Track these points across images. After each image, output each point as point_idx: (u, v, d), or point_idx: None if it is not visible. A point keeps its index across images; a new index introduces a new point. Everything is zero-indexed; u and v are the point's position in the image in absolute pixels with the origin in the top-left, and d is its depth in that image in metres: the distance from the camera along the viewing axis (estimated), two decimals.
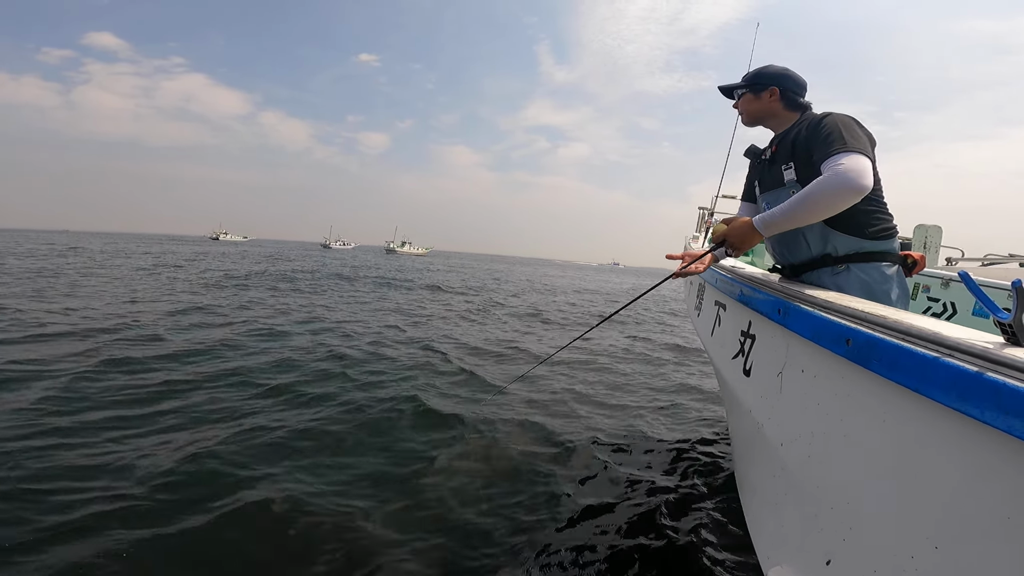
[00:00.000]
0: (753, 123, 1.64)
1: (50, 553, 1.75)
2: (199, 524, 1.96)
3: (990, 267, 3.09)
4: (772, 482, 1.20)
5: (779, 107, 1.56)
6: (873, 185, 1.40)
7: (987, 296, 0.71)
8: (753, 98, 1.59)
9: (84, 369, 3.83)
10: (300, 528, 2.02)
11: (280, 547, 1.91)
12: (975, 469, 0.63)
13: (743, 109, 1.63)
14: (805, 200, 1.26)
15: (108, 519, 1.96)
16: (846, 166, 1.22)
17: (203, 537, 1.90)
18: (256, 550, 1.88)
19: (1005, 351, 0.61)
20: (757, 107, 1.59)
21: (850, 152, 1.25)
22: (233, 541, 1.90)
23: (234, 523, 2.00)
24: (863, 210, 1.39)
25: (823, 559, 0.88)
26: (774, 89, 1.55)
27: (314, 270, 18.33)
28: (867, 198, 1.40)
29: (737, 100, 1.66)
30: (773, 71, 1.58)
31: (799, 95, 1.56)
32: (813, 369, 1.01)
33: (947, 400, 0.64)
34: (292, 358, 4.65)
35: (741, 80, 1.65)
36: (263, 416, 3.19)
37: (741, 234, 1.39)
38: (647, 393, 4.53)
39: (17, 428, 2.72)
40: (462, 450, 2.91)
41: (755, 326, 1.41)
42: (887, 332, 0.79)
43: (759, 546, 1.24)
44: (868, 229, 1.40)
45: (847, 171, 1.21)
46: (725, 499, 2.52)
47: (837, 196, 1.23)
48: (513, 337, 7.04)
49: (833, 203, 1.25)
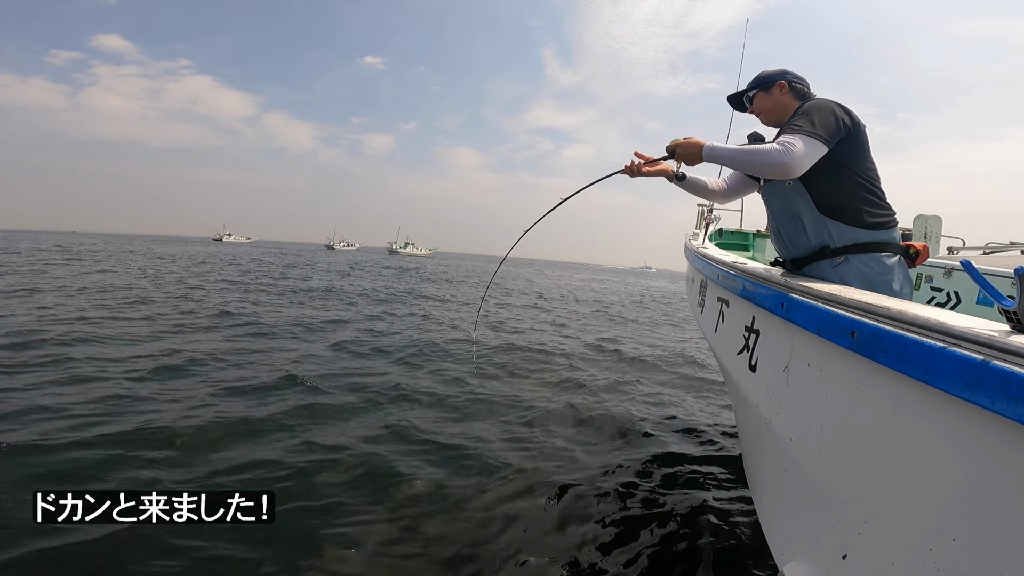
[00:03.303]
0: (774, 120, 1.63)
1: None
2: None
3: (992, 255, 3.08)
4: (783, 477, 1.20)
5: (790, 98, 1.58)
6: (864, 173, 1.42)
7: (991, 284, 0.72)
8: (766, 96, 1.61)
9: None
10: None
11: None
12: (988, 458, 0.62)
13: (759, 109, 1.64)
14: (748, 154, 1.39)
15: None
16: (791, 147, 1.31)
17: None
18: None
19: (1011, 339, 0.61)
20: (771, 103, 1.61)
21: (804, 135, 1.33)
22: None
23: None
24: (859, 197, 1.41)
25: (839, 553, 0.87)
26: (782, 83, 1.59)
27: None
28: (862, 186, 1.42)
29: (750, 105, 1.67)
30: (774, 69, 1.62)
31: (805, 86, 1.60)
32: (819, 363, 1.01)
33: (955, 390, 0.64)
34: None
35: (748, 85, 1.67)
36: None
37: (689, 149, 1.53)
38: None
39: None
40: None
41: (759, 321, 1.41)
42: (892, 323, 0.79)
43: (773, 542, 1.24)
44: (866, 219, 1.40)
45: (787, 152, 1.30)
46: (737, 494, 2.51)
47: (768, 168, 1.36)
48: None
49: (764, 172, 1.43)
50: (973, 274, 0.73)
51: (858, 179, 1.41)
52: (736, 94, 1.71)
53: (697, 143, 1.52)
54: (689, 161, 1.56)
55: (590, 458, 2.98)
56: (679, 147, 1.55)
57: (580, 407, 3.91)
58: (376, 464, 2.69)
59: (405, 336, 6.61)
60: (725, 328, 1.83)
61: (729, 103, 1.77)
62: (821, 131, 1.34)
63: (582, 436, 3.36)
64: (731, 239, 4.36)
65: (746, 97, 1.67)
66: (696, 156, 1.52)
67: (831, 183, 1.40)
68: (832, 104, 1.41)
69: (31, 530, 1.81)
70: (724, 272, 1.75)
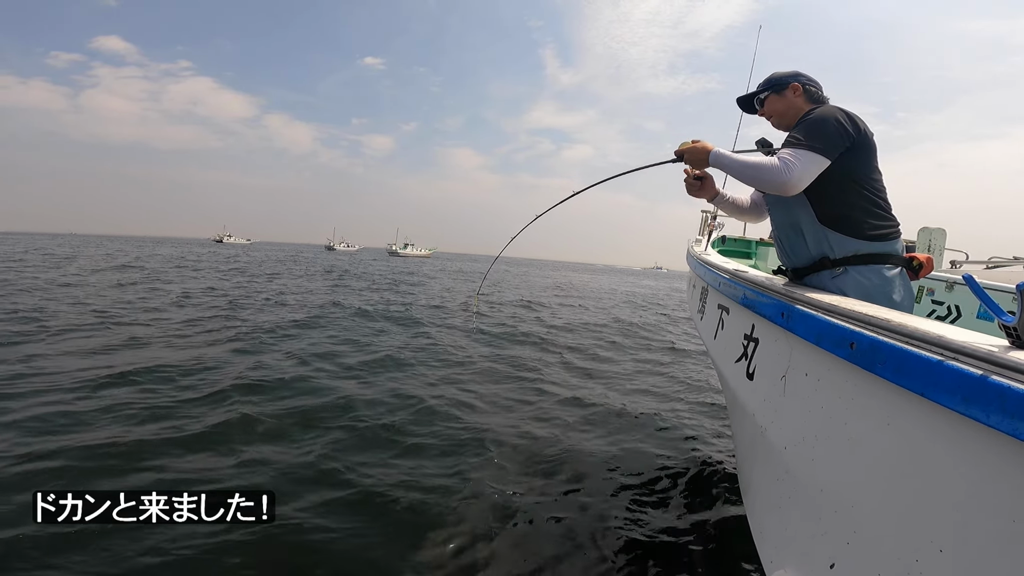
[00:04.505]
0: (786, 124, 1.58)
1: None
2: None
3: (995, 269, 3.08)
4: (776, 485, 1.20)
5: (803, 101, 1.54)
6: (868, 183, 1.40)
7: (991, 299, 0.71)
8: (778, 98, 1.58)
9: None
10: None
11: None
12: (980, 472, 0.62)
13: (771, 111, 1.60)
14: (749, 168, 1.38)
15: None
16: (791, 165, 1.30)
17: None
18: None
19: (1010, 354, 0.61)
20: (784, 105, 1.57)
21: (804, 150, 1.32)
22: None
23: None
24: (861, 208, 1.38)
25: (827, 562, 0.88)
26: (795, 85, 1.55)
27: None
28: (865, 197, 1.39)
29: (761, 108, 1.63)
30: (787, 71, 1.59)
31: (818, 88, 1.56)
32: (817, 373, 1.01)
33: (952, 403, 0.64)
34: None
35: (759, 86, 1.63)
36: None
37: (697, 154, 1.53)
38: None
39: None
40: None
41: (758, 329, 1.41)
42: (891, 335, 0.79)
43: (763, 550, 1.24)
44: (866, 230, 1.38)
45: (786, 170, 1.30)
46: (728, 501, 2.51)
47: (767, 185, 1.36)
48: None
49: (763, 187, 1.41)
50: (974, 288, 0.73)
51: (861, 190, 1.38)
52: (746, 96, 1.67)
53: (705, 148, 1.51)
54: (696, 165, 1.56)
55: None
56: (687, 152, 1.54)
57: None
58: (375, 464, 2.69)
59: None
60: (724, 335, 1.83)
61: (739, 105, 1.72)
62: (822, 144, 1.31)
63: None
64: (734, 246, 4.36)
65: (757, 99, 1.63)
66: (703, 161, 1.52)
67: (832, 194, 1.38)
68: (837, 113, 1.38)
69: (31, 530, 1.81)
70: (725, 280, 1.75)
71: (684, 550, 2.12)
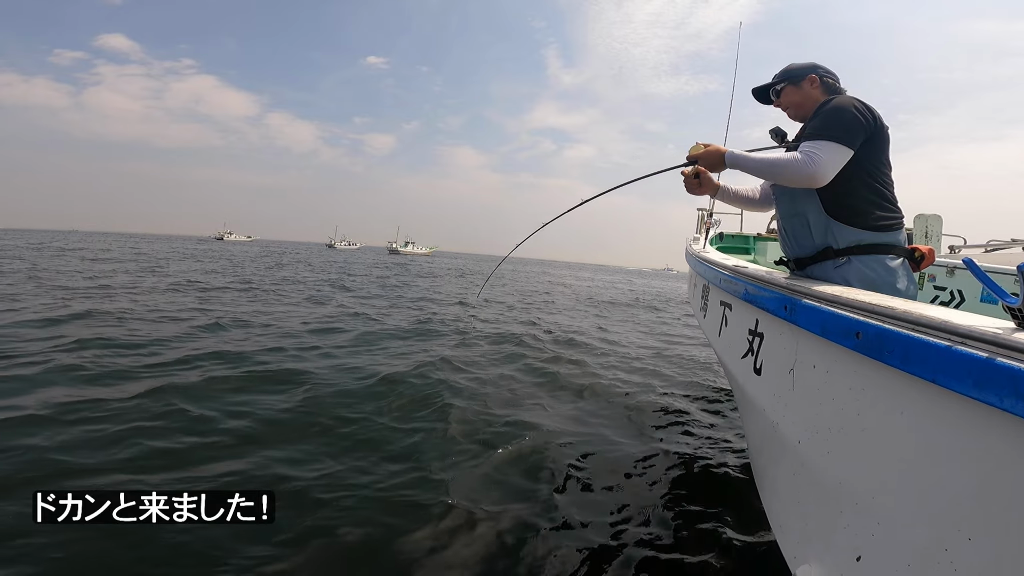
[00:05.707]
0: (802, 116, 1.58)
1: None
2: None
3: (994, 252, 3.09)
4: (793, 480, 1.19)
5: (819, 93, 1.54)
6: (879, 175, 1.40)
7: (994, 282, 0.72)
8: (795, 89, 1.57)
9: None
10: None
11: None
12: (999, 455, 0.62)
13: (788, 103, 1.59)
14: (772, 166, 1.37)
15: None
16: (816, 156, 1.29)
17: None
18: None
19: (1016, 335, 0.62)
20: (800, 97, 1.56)
21: (827, 140, 1.31)
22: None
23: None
24: (868, 200, 1.39)
25: (853, 555, 0.87)
26: (813, 77, 1.54)
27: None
28: (874, 189, 1.39)
29: (777, 99, 1.62)
30: (804, 63, 1.58)
31: (835, 80, 1.56)
32: (825, 364, 1.01)
33: (963, 388, 0.64)
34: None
35: (775, 77, 1.62)
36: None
37: (711, 158, 1.53)
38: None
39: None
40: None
41: (762, 324, 1.41)
42: (896, 323, 0.79)
43: (785, 545, 1.23)
44: (870, 221, 1.39)
45: (812, 162, 1.29)
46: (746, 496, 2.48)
47: (794, 180, 1.35)
48: None
49: (789, 183, 1.39)
50: (976, 272, 0.73)
51: (872, 181, 1.38)
52: (762, 87, 1.66)
53: (719, 151, 1.51)
54: (712, 168, 1.55)
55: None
56: (701, 156, 1.53)
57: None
58: (377, 463, 2.68)
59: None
60: (729, 332, 1.83)
61: (753, 95, 1.70)
62: (843, 134, 1.30)
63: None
64: (732, 243, 4.36)
65: (773, 90, 1.62)
66: (719, 163, 1.51)
67: (841, 184, 1.37)
68: (853, 102, 1.37)
69: (31, 530, 1.79)
70: (726, 276, 1.75)
71: (700, 546, 2.10)
